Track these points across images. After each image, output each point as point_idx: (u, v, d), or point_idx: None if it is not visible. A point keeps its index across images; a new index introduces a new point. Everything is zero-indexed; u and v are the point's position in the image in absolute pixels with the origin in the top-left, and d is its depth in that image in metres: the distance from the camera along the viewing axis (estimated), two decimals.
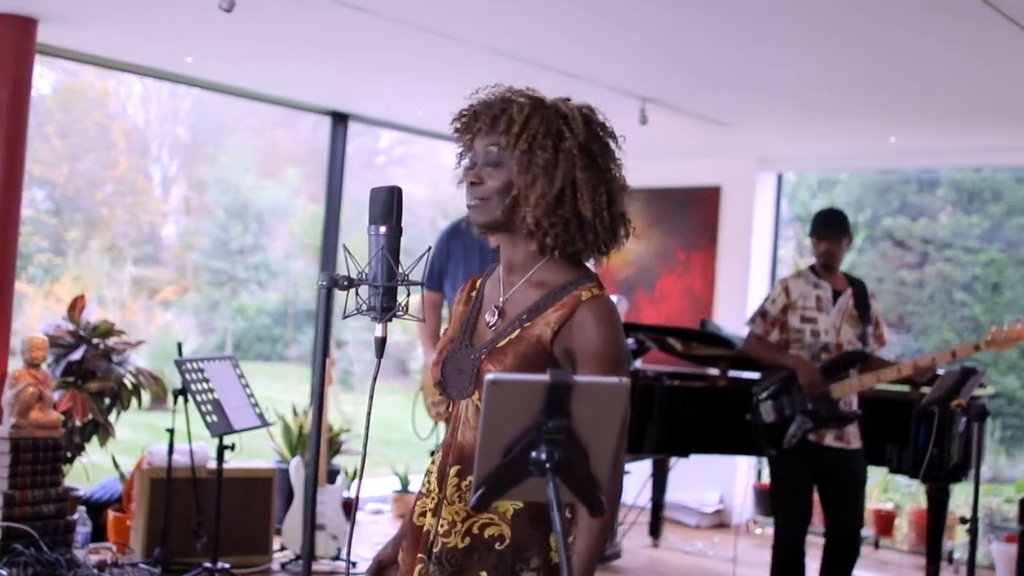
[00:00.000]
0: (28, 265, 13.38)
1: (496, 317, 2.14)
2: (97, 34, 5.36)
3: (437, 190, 17.01)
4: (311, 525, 2.07)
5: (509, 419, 1.58)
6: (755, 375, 6.07)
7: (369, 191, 2.08)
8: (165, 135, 17.66)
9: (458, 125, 2.15)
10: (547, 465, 1.59)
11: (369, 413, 2.06)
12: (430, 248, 2.22)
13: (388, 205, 2.04)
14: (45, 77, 13.71)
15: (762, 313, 4.97)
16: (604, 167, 2.11)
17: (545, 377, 1.55)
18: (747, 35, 4.74)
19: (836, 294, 4.95)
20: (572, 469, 1.62)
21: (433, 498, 2.13)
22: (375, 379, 2.07)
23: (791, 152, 7.64)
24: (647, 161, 7.77)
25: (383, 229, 2.03)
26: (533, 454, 1.60)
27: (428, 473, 2.22)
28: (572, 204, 2.06)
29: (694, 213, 7.82)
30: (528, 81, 2.24)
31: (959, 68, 5.06)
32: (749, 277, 7.64)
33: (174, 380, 5.07)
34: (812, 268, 5.02)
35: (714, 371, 6.20)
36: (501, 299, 2.15)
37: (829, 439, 4.77)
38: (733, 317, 7.42)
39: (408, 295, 2.09)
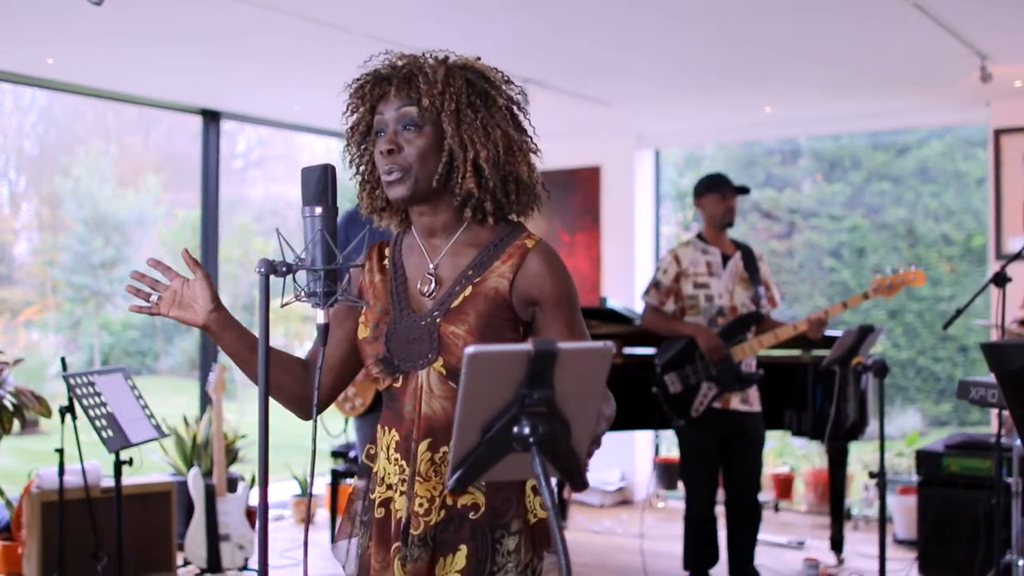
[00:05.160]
0: None
1: (433, 285, 2.03)
2: None
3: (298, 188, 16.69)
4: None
5: (489, 393, 1.50)
6: (650, 350, 6.10)
7: (300, 171, 1.97)
8: (10, 150, 16.92)
9: (359, 90, 2.00)
10: (531, 440, 1.51)
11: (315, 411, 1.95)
12: (368, 227, 2.11)
13: (322, 184, 1.92)
14: None
15: (655, 284, 4.99)
16: (526, 127, 2.04)
17: (528, 346, 1.47)
18: (621, 14, 4.74)
19: (725, 258, 5.02)
20: (555, 443, 1.54)
21: (401, 480, 1.99)
22: (320, 369, 1.96)
23: (668, 128, 7.70)
24: None
25: (319, 210, 1.92)
26: (515, 429, 1.52)
27: (371, 460, 2.09)
28: (510, 165, 1.98)
29: (575, 194, 7.82)
30: None
31: (830, 36, 5.15)
32: (634, 254, 7.68)
33: (54, 400, 4.81)
34: (699, 236, 5.07)
35: None
36: (432, 266, 2.04)
37: (735, 403, 4.82)
38: (621, 295, 7.45)
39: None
